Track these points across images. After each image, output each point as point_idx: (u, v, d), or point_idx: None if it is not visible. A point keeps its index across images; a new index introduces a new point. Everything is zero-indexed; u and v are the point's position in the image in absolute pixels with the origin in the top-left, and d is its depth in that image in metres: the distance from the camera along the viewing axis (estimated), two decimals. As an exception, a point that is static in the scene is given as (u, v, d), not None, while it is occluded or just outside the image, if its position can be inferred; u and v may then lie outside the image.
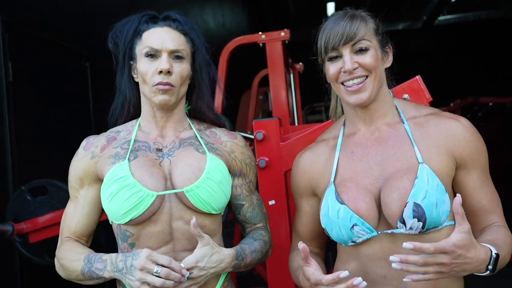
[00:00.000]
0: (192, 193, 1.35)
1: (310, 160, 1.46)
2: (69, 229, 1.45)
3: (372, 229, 1.27)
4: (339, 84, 1.34)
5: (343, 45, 1.30)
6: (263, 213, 1.54)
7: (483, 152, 1.33)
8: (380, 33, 1.37)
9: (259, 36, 3.06)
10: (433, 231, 1.25)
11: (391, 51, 1.40)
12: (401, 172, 1.28)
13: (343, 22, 1.30)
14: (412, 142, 1.31)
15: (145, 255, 1.23)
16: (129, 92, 1.48)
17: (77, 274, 1.36)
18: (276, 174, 1.86)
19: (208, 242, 1.30)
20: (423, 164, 1.26)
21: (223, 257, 1.32)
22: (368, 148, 1.36)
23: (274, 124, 1.86)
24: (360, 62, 1.30)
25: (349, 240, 1.30)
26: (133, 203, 1.31)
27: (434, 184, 1.23)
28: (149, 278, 1.22)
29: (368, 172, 1.33)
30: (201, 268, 1.27)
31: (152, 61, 1.40)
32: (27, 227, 2.49)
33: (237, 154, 1.51)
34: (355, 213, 1.27)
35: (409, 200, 1.22)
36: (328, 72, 1.35)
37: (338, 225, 1.29)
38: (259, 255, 1.45)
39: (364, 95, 1.31)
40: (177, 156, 1.41)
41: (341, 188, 1.32)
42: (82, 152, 1.45)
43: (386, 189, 1.27)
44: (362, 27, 1.31)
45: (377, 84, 1.33)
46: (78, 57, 3.54)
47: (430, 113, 1.37)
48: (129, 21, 1.46)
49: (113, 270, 1.29)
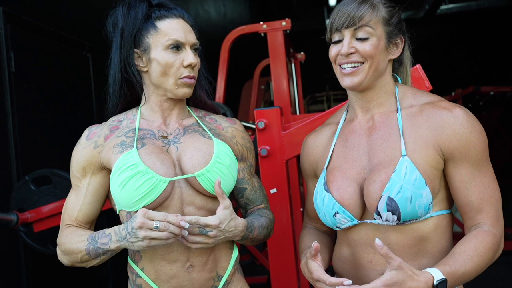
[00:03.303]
0: (203, 177, 1.37)
1: (313, 143, 1.50)
2: (71, 217, 1.46)
3: (352, 218, 1.30)
4: (337, 65, 1.36)
5: (345, 28, 1.31)
6: (264, 194, 1.58)
7: (476, 146, 1.26)
8: (393, 23, 1.35)
9: (261, 26, 3.07)
10: (414, 222, 1.26)
11: (402, 43, 1.38)
12: (382, 164, 1.29)
13: (352, 5, 1.31)
14: (401, 133, 1.30)
15: (141, 214, 1.25)
16: (137, 79, 1.45)
17: (82, 254, 1.36)
18: (277, 162, 1.87)
19: (229, 205, 1.34)
20: (404, 157, 1.26)
21: (238, 223, 1.35)
22: (361, 137, 1.38)
23: (275, 113, 1.87)
24: (357, 48, 1.31)
25: (334, 226, 1.36)
26: (146, 189, 1.32)
27: (411, 178, 1.23)
28: (154, 233, 1.24)
29: (357, 161, 1.35)
30: (220, 230, 1.31)
31: (176, 54, 1.41)
32: (31, 216, 2.51)
33: (238, 139, 1.54)
34: (338, 202, 1.31)
35: (384, 194, 1.24)
36: (330, 53, 1.37)
37: (323, 211, 1.35)
38: (265, 231, 1.48)
39: (355, 79, 1.32)
40: (184, 143, 1.43)
41: (329, 177, 1.36)
42: (84, 141, 1.45)
43: (368, 180, 1.30)
44: (369, 13, 1.30)
45: (372, 72, 1.32)
46: (80, 48, 3.55)
47: (427, 102, 1.34)
48: (133, 6, 1.43)
49: (118, 240, 1.31)
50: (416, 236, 1.27)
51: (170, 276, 1.38)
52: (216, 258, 1.43)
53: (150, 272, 1.40)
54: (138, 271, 1.41)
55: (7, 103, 2.75)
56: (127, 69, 1.44)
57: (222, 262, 1.45)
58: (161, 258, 1.38)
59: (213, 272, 1.42)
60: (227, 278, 1.45)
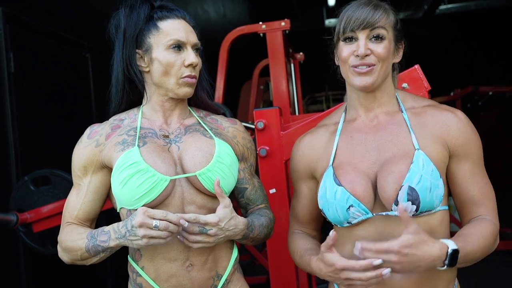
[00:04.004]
0: (204, 177, 1.38)
1: (310, 143, 1.50)
2: (72, 215, 1.46)
3: (367, 211, 1.31)
4: (349, 66, 1.37)
5: (362, 29, 1.33)
6: (264, 195, 1.59)
7: (476, 144, 1.36)
8: (399, 28, 1.40)
9: (260, 26, 3.07)
10: (426, 215, 1.29)
11: (402, 48, 1.44)
12: (398, 157, 1.32)
13: (368, 8, 1.35)
14: (410, 129, 1.35)
15: (141, 212, 1.26)
16: (139, 79, 1.46)
17: (82, 252, 1.37)
18: (276, 163, 1.88)
19: (229, 204, 1.35)
20: (419, 150, 1.30)
21: (238, 222, 1.36)
22: (367, 134, 1.40)
23: (274, 113, 1.88)
24: (373, 50, 1.34)
25: (345, 221, 1.34)
26: (147, 187, 1.33)
27: (429, 169, 1.27)
28: (153, 232, 1.25)
29: (366, 156, 1.37)
30: (220, 228, 1.31)
31: (178, 53, 1.42)
32: (31, 216, 2.52)
33: (239, 139, 1.54)
34: (352, 195, 1.31)
35: (404, 183, 1.26)
36: (341, 53, 1.38)
37: (335, 206, 1.33)
38: (265, 230, 1.49)
39: (369, 79, 1.35)
40: (185, 142, 1.44)
41: (339, 171, 1.36)
42: (86, 140, 1.46)
43: (382, 173, 1.31)
44: (384, 17, 1.35)
45: (382, 74, 1.36)
46: (79, 48, 3.55)
47: (428, 104, 1.42)
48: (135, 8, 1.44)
49: (117, 238, 1.31)
50: (427, 228, 1.28)
51: (170, 275, 1.39)
52: (216, 257, 1.44)
53: (150, 271, 1.40)
54: (138, 270, 1.41)
55: (6, 104, 2.76)
56: (129, 69, 1.45)
57: (222, 261, 1.45)
58: (161, 257, 1.39)
59: (212, 271, 1.42)
60: (226, 278, 1.45)
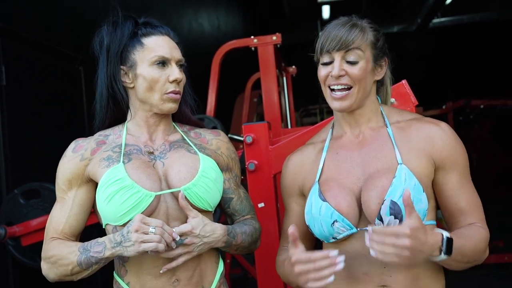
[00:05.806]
0: (190, 191, 1.38)
1: (299, 161, 1.51)
2: (56, 230, 1.44)
3: (351, 226, 1.31)
4: (327, 87, 1.40)
5: (337, 50, 1.35)
6: (251, 205, 1.59)
7: (462, 155, 1.36)
8: (379, 47, 1.40)
9: (251, 40, 3.08)
10: None
11: (386, 65, 1.45)
12: (381, 172, 1.32)
13: (343, 29, 1.36)
14: (394, 144, 1.36)
15: (138, 219, 1.28)
16: (122, 96, 1.46)
17: (73, 266, 1.35)
18: (265, 177, 1.88)
19: (198, 214, 1.35)
20: (402, 165, 1.31)
21: (215, 227, 1.37)
22: (352, 150, 1.42)
23: (263, 127, 1.88)
24: (347, 71, 1.35)
25: (330, 236, 1.35)
26: (131, 204, 1.33)
27: (411, 183, 1.28)
28: (146, 236, 1.26)
29: (351, 172, 1.38)
30: (195, 235, 1.33)
31: (162, 69, 1.43)
32: (20, 230, 2.50)
33: (223, 150, 1.55)
34: (336, 210, 1.31)
35: (386, 198, 1.27)
36: (319, 74, 1.41)
37: (320, 222, 1.34)
38: (249, 239, 1.49)
39: (345, 103, 1.37)
40: (170, 158, 1.44)
41: (324, 187, 1.37)
42: (70, 154, 1.46)
43: (366, 188, 1.32)
44: (359, 38, 1.35)
45: (361, 95, 1.38)
46: (72, 61, 3.56)
47: (413, 118, 1.43)
48: (119, 24, 1.45)
49: (113, 246, 1.31)
50: None
51: None
52: (201, 272, 1.43)
53: (136, 287, 1.39)
54: (124, 286, 1.40)
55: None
56: (114, 86, 1.45)
57: (207, 275, 1.45)
58: (147, 273, 1.38)
59: (198, 286, 1.42)
60: None
